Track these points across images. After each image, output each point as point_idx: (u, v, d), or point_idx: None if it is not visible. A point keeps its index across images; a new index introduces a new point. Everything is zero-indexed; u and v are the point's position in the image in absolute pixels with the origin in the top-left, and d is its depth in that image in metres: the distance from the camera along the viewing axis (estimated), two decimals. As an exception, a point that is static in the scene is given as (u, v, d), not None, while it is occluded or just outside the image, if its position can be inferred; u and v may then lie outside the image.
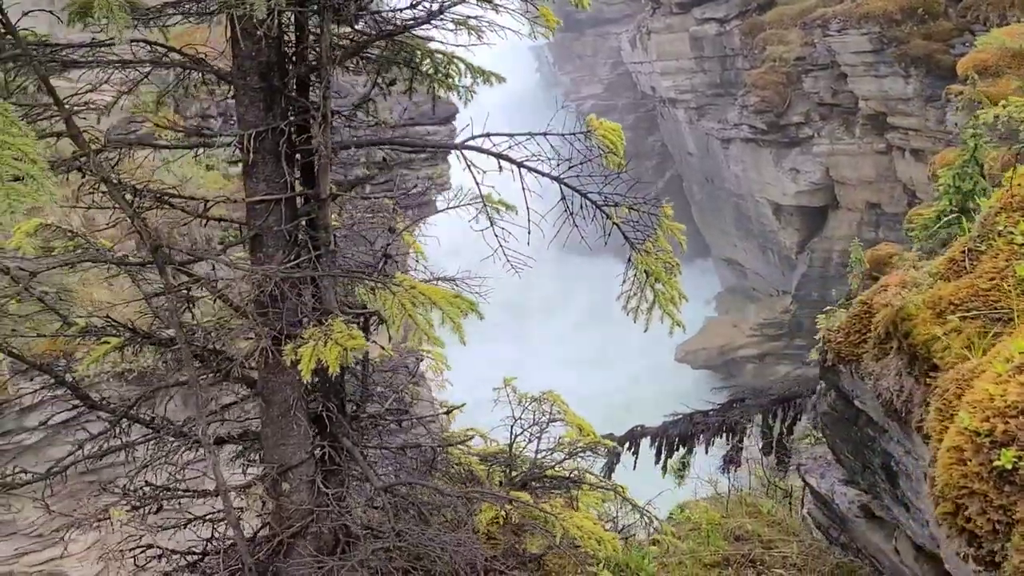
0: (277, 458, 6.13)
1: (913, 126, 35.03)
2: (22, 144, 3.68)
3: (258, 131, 5.36)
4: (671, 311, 6.12)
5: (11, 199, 3.55)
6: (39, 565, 29.07)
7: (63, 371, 6.95)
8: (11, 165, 3.60)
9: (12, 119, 3.73)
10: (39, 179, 3.65)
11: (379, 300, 5.28)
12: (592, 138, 6.88)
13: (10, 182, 3.56)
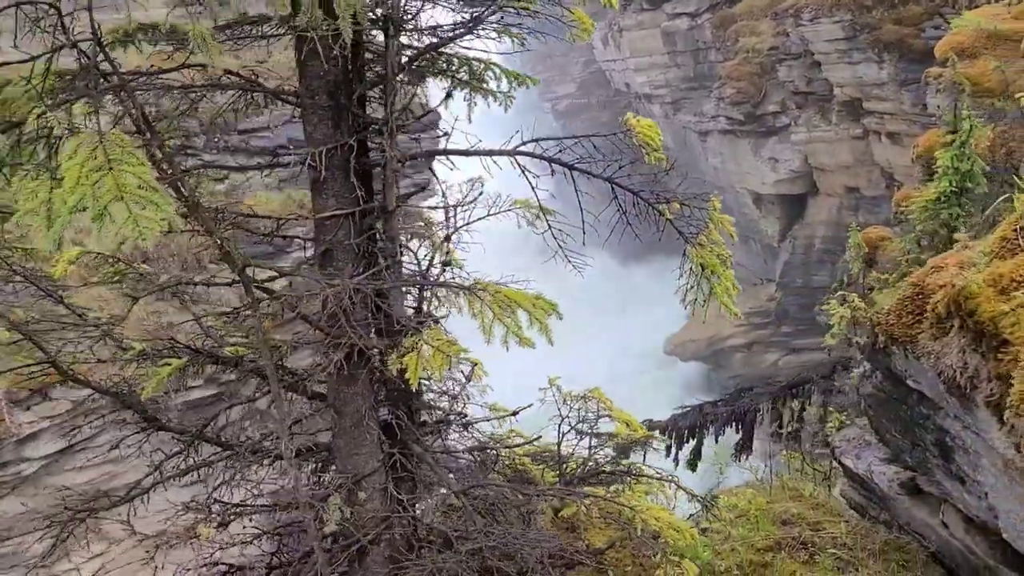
0: (351, 468, 6.22)
1: (888, 110, 35.61)
2: (141, 172, 3.77)
3: (328, 148, 5.47)
4: (727, 302, 6.32)
5: (142, 226, 3.64)
6: (43, 596, 28.77)
7: (128, 394, 6.96)
8: (136, 194, 3.69)
9: (129, 149, 3.82)
10: (162, 206, 3.74)
11: (468, 306, 5.40)
12: (633, 137, 7.07)
13: (138, 211, 3.64)
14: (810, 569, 7.39)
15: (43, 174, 3.91)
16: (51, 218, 3.78)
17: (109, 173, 3.76)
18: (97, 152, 3.80)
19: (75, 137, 3.85)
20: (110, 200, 3.70)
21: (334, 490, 6.05)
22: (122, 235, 3.70)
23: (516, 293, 5.40)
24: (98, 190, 3.73)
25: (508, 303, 5.24)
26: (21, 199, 3.87)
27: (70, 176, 3.79)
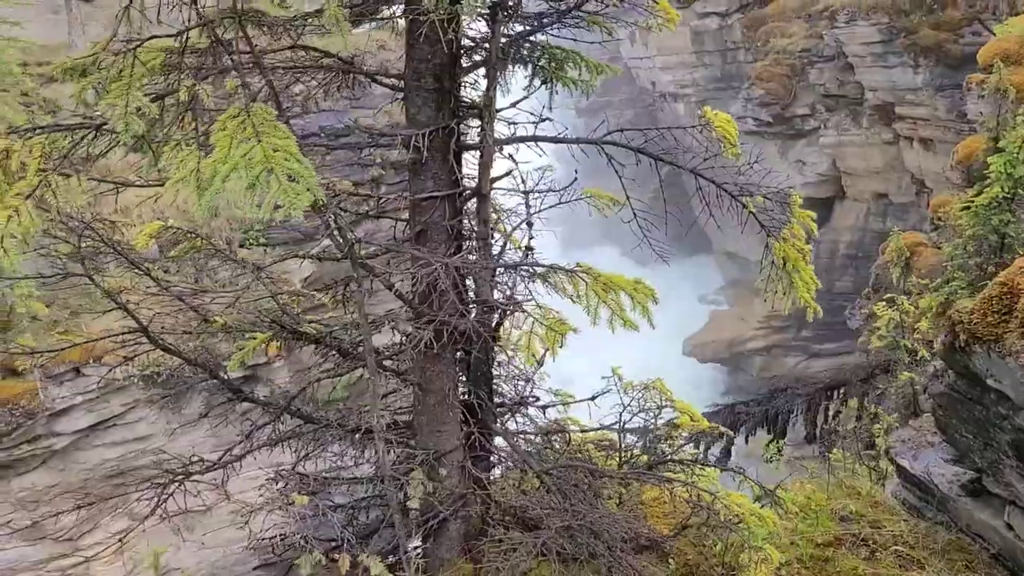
0: (432, 444, 6.35)
1: (922, 116, 35.44)
2: (288, 145, 3.89)
3: (430, 130, 5.58)
4: (807, 297, 6.40)
5: (291, 196, 3.75)
6: (68, 569, 29.20)
7: (217, 367, 7.09)
8: (285, 166, 3.80)
9: (274, 122, 3.94)
10: (307, 177, 3.85)
11: (573, 288, 5.51)
12: (712, 130, 7.16)
13: (287, 182, 3.76)
14: (872, 566, 7.45)
15: (191, 144, 4.03)
16: (201, 187, 3.90)
17: (259, 144, 3.87)
18: (245, 124, 3.92)
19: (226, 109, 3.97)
20: (261, 171, 3.82)
21: (417, 465, 6.16)
22: (273, 205, 3.81)
23: (616, 277, 5.51)
24: (249, 160, 3.84)
25: (610, 286, 5.34)
26: (172, 168, 3.99)
27: (221, 147, 3.91)
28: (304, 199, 3.80)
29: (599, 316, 5.38)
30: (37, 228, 4.01)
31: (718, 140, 7.32)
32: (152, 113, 4.04)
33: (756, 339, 48.28)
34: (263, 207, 3.81)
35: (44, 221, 13.16)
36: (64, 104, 29.26)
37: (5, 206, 3.92)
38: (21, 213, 3.90)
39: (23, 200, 3.94)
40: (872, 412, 15.57)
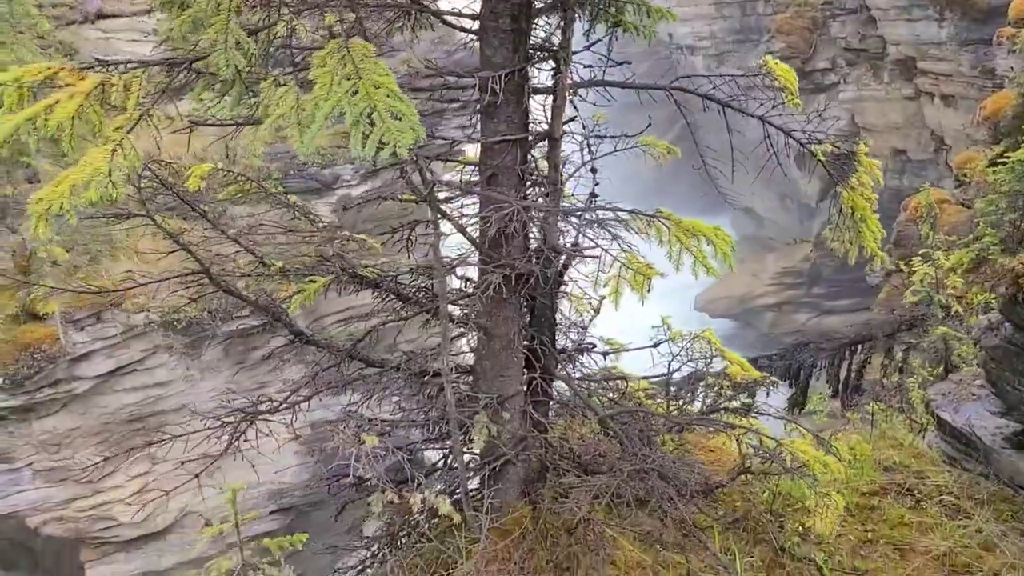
0: (496, 389, 6.41)
1: (945, 71, 34.99)
2: (389, 83, 3.85)
3: (506, 72, 5.53)
4: (873, 246, 6.39)
5: (395, 135, 3.73)
6: (89, 510, 29.73)
7: (279, 310, 7.11)
8: (387, 103, 3.77)
9: (374, 59, 3.90)
10: (409, 116, 3.82)
11: (656, 234, 5.51)
12: (774, 79, 7.10)
13: (391, 120, 3.73)
14: (917, 514, 7.56)
15: (291, 80, 3.99)
16: (302, 123, 3.88)
17: (360, 81, 3.84)
18: (345, 60, 3.88)
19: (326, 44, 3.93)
20: (364, 108, 3.79)
21: (481, 409, 6.23)
22: (377, 143, 3.79)
23: (697, 223, 5.50)
24: (352, 97, 3.81)
25: (692, 232, 5.34)
26: (272, 104, 3.96)
27: (322, 83, 3.88)
28: (408, 137, 3.78)
29: (682, 262, 5.40)
30: (140, 162, 4.00)
31: (780, 89, 7.26)
32: (251, 48, 4.00)
33: (768, 295, 48.32)
34: (367, 145, 3.79)
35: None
36: (81, 47, 28.99)
37: (108, 140, 3.91)
38: (124, 147, 3.89)
39: (125, 134, 3.92)
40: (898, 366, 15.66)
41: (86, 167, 3.81)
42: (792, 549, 7.10)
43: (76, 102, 3.90)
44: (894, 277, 22.17)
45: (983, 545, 7.00)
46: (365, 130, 3.80)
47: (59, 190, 3.79)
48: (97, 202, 3.88)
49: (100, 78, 4.03)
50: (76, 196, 3.80)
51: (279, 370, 32.40)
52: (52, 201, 3.76)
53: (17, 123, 3.88)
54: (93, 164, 3.81)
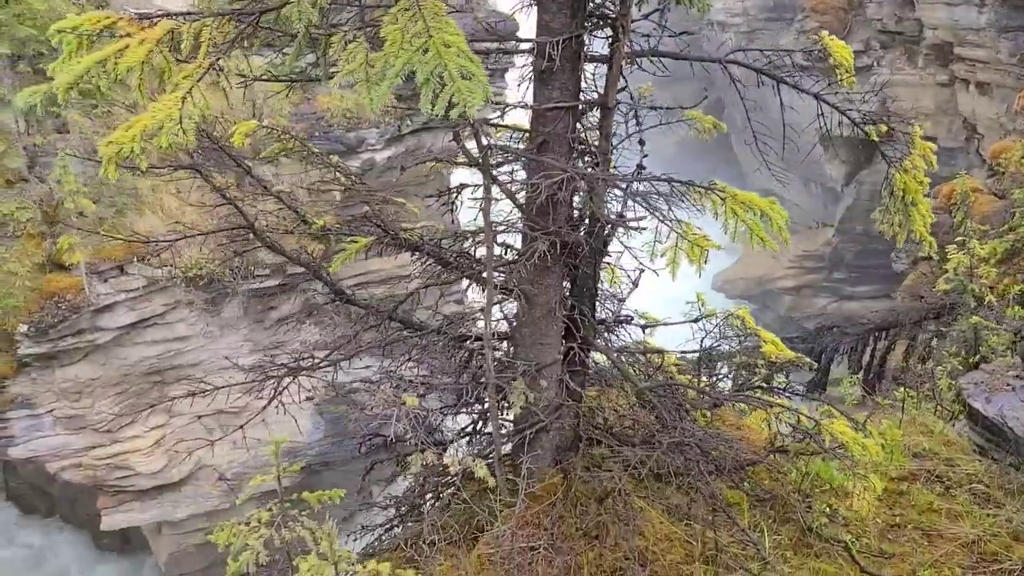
0: (533, 356, 6.43)
1: (982, 58, 34.39)
2: (459, 42, 3.83)
3: (564, 39, 5.48)
4: (923, 231, 6.33)
5: (465, 94, 3.71)
6: (107, 458, 30.18)
7: (320, 268, 7.13)
8: (457, 63, 3.75)
9: (445, 18, 3.87)
10: (478, 76, 3.80)
11: (711, 205, 5.48)
12: (830, 57, 7.01)
13: (461, 79, 3.71)
14: (947, 501, 7.55)
15: (359, 36, 3.97)
16: (371, 80, 3.86)
17: (431, 40, 3.81)
18: (416, 18, 3.85)
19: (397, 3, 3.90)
20: (434, 67, 3.77)
21: (519, 375, 6.25)
22: (447, 102, 3.77)
23: (751, 196, 5.47)
24: (423, 56, 3.79)
25: (747, 205, 5.31)
26: (342, 60, 3.95)
27: (392, 40, 3.85)
28: (478, 98, 3.76)
29: (738, 234, 5.38)
30: (210, 111, 4.01)
31: (834, 66, 7.19)
32: (323, 2, 3.97)
33: (787, 278, 48.07)
34: (437, 105, 3.77)
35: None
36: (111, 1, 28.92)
37: (177, 87, 3.91)
38: (194, 95, 3.89)
39: (195, 82, 3.92)
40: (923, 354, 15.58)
41: (157, 113, 3.81)
42: (819, 529, 7.13)
43: (146, 48, 3.90)
44: (921, 264, 21.99)
45: (1013, 534, 6.99)
46: (435, 89, 3.78)
47: (129, 134, 3.80)
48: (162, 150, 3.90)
49: (171, 25, 4.02)
50: (146, 141, 3.80)
51: (296, 330, 32.65)
52: (123, 144, 3.77)
53: (88, 65, 3.88)
54: (164, 111, 3.82)
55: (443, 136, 33.61)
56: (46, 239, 25.47)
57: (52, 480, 33.81)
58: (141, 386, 29.43)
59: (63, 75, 3.86)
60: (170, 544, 33.41)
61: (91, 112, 25.00)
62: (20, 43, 23.10)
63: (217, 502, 32.33)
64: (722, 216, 5.34)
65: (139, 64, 3.90)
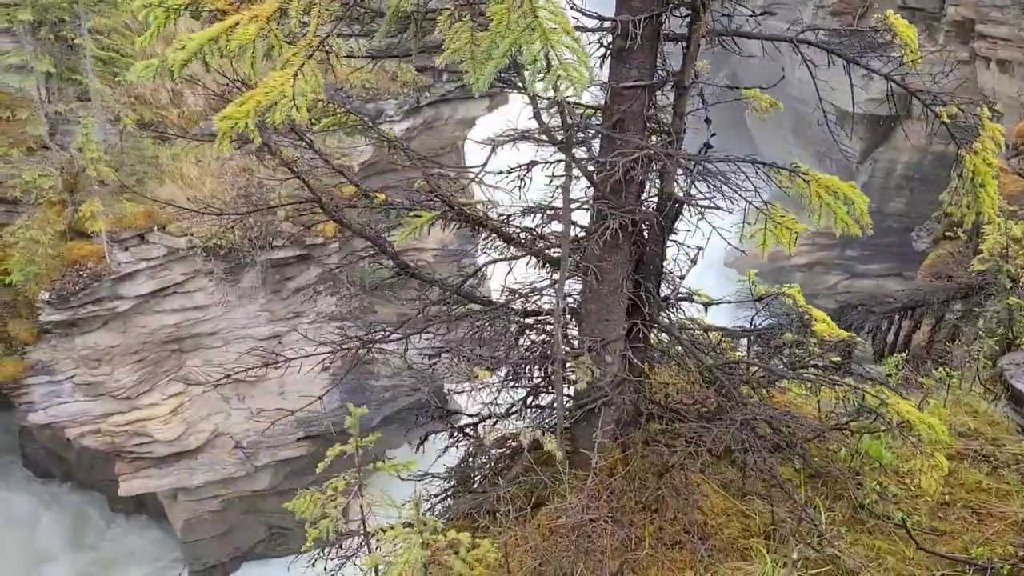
0: (599, 332, 6.51)
1: (1004, 35, 34.10)
2: (564, 22, 3.85)
3: (646, 16, 5.49)
4: (991, 212, 6.37)
5: (571, 74, 3.74)
6: (125, 425, 30.47)
7: (384, 242, 7.17)
8: (563, 42, 3.78)
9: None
10: (582, 58, 3.83)
11: (797, 189, 5.53)
12: (895, 36, 7.02)
13: (565, 60, 3.74)
14: (995, 481, 7.65)
15: (464, 16, 4.00)
16: (476, 59, 3.89)
17: (536, 19, 3.84)
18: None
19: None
20: (540, 47, 3.80)
21: (585, 351, 6.33)
22: (554, 82, 3.81)
23: (833, 179, 5.52)
24: (529, 34, 3.82)
25: (831, 188, 5.35)
26: (447, 39, 3.98)
27: (498, 19, 3.88)
28: (584, 78, 3.79)
29: (822, 216, 5.43)
30: (321, 87, 4.05)
31: (901, 45, 7.19)
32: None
33: (799, 255, 48.05)
34: (544, 84, 3.81)
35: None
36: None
37: (288, 64, 3.95)
38: (305, 72, 3.93)
39: (306, 59, 3.95)
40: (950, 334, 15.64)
41: (271, 89, 3.86)
42: (871, 507, 7.24)
43: (257, 25, 3.93)
44: (943, 244, 21.98)
45: (1063, 514, 7.10)
46: (541, 68, 3.81)
47: (243, 109, 3.85)
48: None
49: (279, 3, 4.05)
50: (260, 116, 3.86)
51: (312, 301, 32.82)
52: (237, 119, 3.82)
53: (201, 42, 3.92)
54: (277, 87, 3.86)
55: (461, 108, 33.51)
56: (67, 207, 25.54)
57: (69, 446, 34.18)
58: (159, 354, 29.65)
59: (179, 53, 3.90)
60: (185, 510, 33.82)
61: (112, 79, 24.94)
62: (42, 9, 23.00)
63: (233, 470, 32.71)
64: (808, 198, 5.39)
65: (251, 41, 3.93)
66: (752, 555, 6.68)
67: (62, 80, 24.19)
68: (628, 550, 6.36)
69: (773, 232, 5.35)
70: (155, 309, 28.34)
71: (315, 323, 32.92)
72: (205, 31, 3.97)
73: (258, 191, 28.84)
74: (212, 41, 3.93)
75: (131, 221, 25.80)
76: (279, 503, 40.21)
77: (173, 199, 27.10)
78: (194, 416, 31.54)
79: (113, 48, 25.01)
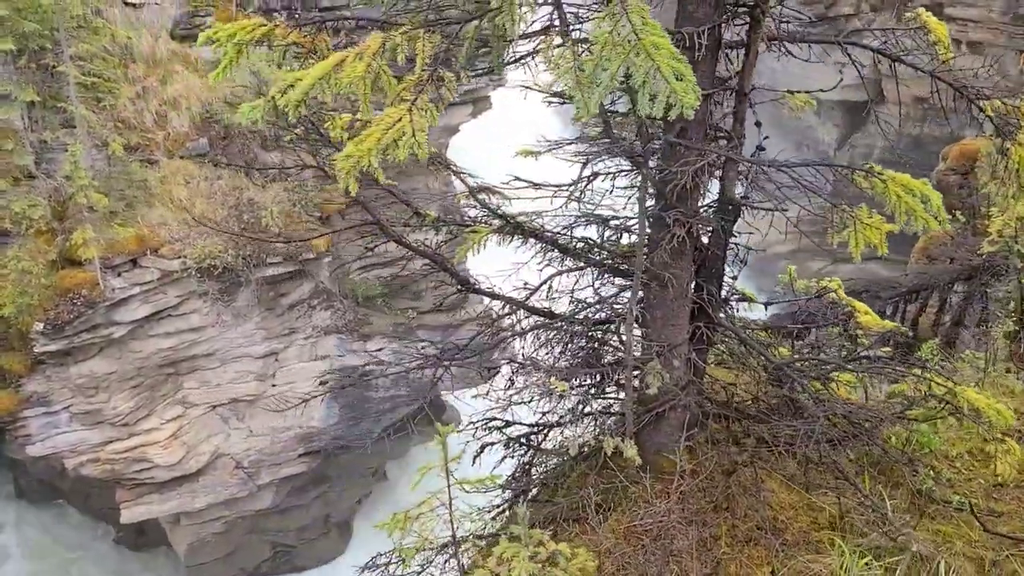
0: (665, 337, 6.62)
1: (974, 17, 34.74)
2: (667, 44, 3.95)
3: (709, 27, 5.61)
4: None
5: (681, 95, 3.83)
6: (124, 452, 30.17)
7: (442, 257, 7.21)
8: (670, 64, 3.87)
9: (650, 20, 3.98)
10: (688, 77, 3.93)
11: (872, 186, 5.66)
12: (929, 34, 7.21)
13: (676, 81, 3.83)
14: (1043, 460, 7.84)
15: (568, 42, 4.08)
16: (581, 83, 3.98)
17: (640, 42, 3.94)
18: (621, 20, 3.98)
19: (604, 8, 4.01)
20: (648, 68, 3.89)
21: (654, 355, 6.44)
22: (665, 103, 3.90)
23: (906, 178, 5.66)
24: (635, 58, 3.91)
25: (908, 188, 5.49)
26: (552, 64, 4.06)
27: (601, 43, 3.97)
28: (692, 98, 3.89)
29: (902, 215, 5.57)
30: (436, 121, 4.11)
31: (933, 43, 7.38)
32: (532, 8, 4.07)
33: (784, 243, 48.53)
34: (656, 106, 3.90)
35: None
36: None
37: (401, 99, 4.01)
38: (419, 105, 3.99)
39: (418, 94, 4.02)
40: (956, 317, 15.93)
41: (389, 126, 3.91)
42: (929, 492, 7.41)
43: (365, 62, 3.99)
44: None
45: (1114, 490, 7.30)
46: (651, 91, 3.91)
47: (365, 147, 3.90)
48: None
49: (382, 38, 4.10)
50: (382, 153, 3.91)
51: (307, 316, 32.69)
52: (360, 157, 3.87)
53: (311, 83, 3.97)
54: (395, 123, 3.92)
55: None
56: (57, 235, 25.25)
57: (63, 476, 33.78)
58: (156, 378, 29.37)
59: (292, 93, 3.95)
60: (189, 534, 33.55)
61: (97, 105, 24.72)
62: (23, 37, 22.74)
63: (235, 490, 32.48)
64: (887, 197, 5.54)
65: (360, 78, 3.99)
66: (823, 547, 6.83)
67: (46, 108, 23.92)
68: (706, 550, 6.47)
69: (864, 234, 5.46)
70: (150, 333, 28.08)
71: (311, 338, 32.83)
72: (313, 70, 4.03)
73: (249, 209, 28.79)
74: (322, 80, 3.98)
75: (123, 246, 25.55)
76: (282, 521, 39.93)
77: (164, 222, 26.93)
78: (194, 439, 31.27)
79: (95, 73, 24.78)
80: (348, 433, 34.51)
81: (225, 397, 31.52)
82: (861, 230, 5.47)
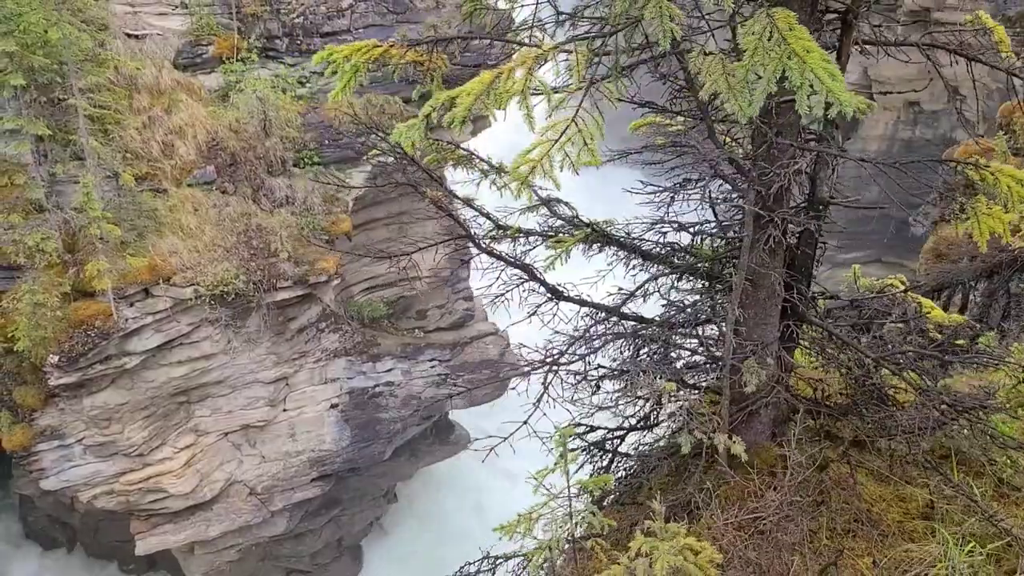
0: (757, 336, 6.79)
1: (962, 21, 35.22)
2: (816, 48, 4.15)
3: (806, 34, 5.82)
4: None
5: (837, 95, 4.02)
6: (139, 483, 29.99)
7: (533, 270, 7.35)
8: (822, 66, 4.06)
9: (795, 24, 4.19)
10: (839, 77, 4.12)
11: (981, 178, 5.87)
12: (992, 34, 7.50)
13: (831, 81, 4.02)
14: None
15: (716, 50, 4.27)
16: (732, 88, 4.17)
17: (790, 47, 4.13)
18: (769, 28, 4.17)
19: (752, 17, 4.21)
20: (803, 71, 4.08)
21: (750, 354, 6.61)
22: (824, 103, 4.09)
23: (1013, 170, 5.88)
24: (789, 60, 4.11)
25: (1019, 179, 5.69)
26: (704, 72, 4.25)
27: (751, 50, 4.17)
28: (848, 97, 4.09)
29: (1014, 205, 5.78)
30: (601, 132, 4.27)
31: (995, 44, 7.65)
32: (680, 19, 4.26)
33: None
34: (814, 106, 4.10)
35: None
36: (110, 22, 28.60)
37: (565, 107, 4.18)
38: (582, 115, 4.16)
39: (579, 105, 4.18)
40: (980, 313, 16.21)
41: (556, 133, 4.08)
42: (1010, 480, 7.59)
43: (523, 76, 4.17)
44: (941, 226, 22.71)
45: None
46: (808, 91, 4.10)
47: (535, 156, 4.06)
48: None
49: (535, 52, 4.28)
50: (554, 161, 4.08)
51: (316, 340, 32.67)
52: (533, 163, 4.03)
53: (472, 100, 4.14)
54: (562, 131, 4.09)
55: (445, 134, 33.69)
56: (69, 267, 25.19)
57: (72, 510, 33.47)
58: (168, 407, 29.25)
59: (456, 110, 4.13)
60: (203, 563, 33.31)
61: (106, 137, 24.78)
62: (31, 72, 22.81)
63: (249, 517, 32.30)
64: (995, 190, 5.75)
65: (519, 92, 4.16)
66: (918, 536, 6.99)
67: (55, 141, 23.95)
68: (808, 542, 6.62)
69: (987, 224, 5.68)
70: (161, 363, 27.99)
71: (320, 361, 32.80)
72: (472, 86, 4.19)
73: (258, 235, 28.85)
74: (482, 95, 4.15)
75: (135, 276, 25.51)
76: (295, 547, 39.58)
77: (174, 250, 26.94)
78: (207, 467, 31.11)
79: (102, 104, 24.86)
80: (359, 456, 34.43)
81: (236, 424, 31.40)
82: (984, 220, 5.67)
